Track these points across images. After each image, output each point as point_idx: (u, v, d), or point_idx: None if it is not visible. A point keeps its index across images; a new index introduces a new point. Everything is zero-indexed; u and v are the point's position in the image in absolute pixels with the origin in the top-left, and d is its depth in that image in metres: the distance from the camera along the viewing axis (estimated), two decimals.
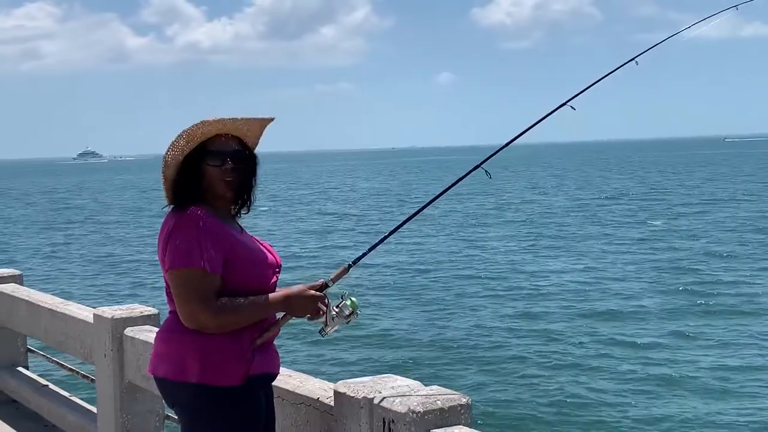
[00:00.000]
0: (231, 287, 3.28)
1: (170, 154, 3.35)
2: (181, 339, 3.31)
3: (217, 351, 3.27)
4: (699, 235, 37.90)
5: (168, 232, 3.28)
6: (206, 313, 3.20)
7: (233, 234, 3.37)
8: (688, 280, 26.29)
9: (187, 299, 3.21)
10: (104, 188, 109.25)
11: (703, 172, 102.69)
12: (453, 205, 56.87)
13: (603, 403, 14.65)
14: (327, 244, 39.13)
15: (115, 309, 5.63)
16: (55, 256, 37.97)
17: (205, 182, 3.36)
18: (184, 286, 3.22)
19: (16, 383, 7.47)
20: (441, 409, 3.21)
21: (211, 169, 3.35)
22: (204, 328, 3.24)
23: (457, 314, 22.23)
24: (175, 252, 3.22)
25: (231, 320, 3.25)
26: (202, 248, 3.20)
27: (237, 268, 3.30)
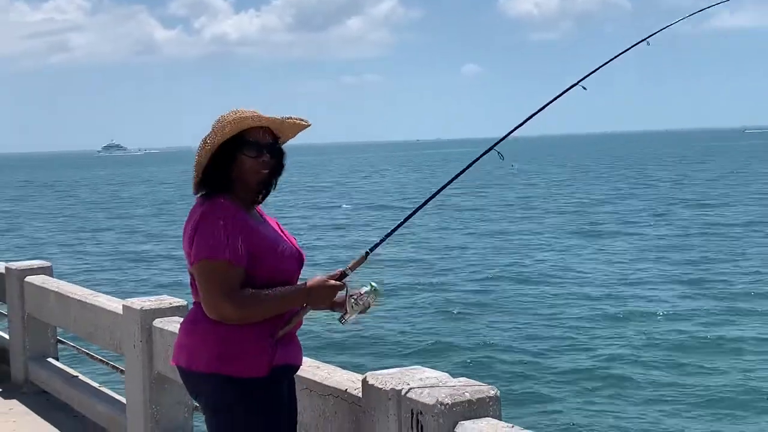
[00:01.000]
0: (255, 279, 3.30)
1: (211, 138, 3.36)
2: (205, 330, 3.33)
3: (241, 342, 3.29)
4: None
5: (195, 223, 3.30)
6: (230, 305, 3.21)
7: (257, 226, 3.39)
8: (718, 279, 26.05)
9: (212, 291, 3.23)
10: (130, 181, 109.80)
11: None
12: (477, 197, 56.79)
13: (633, 398, 14.54)
14: (349, 237, 39.15)
15: (144, 300, 5.67)
16: (83, 248, 38.24)
17: (237, 172, 3.37)
18: (210, 277, 3.23)
19: (47, 374, 7.53)
20: (469, 401, 3.20)
21: (246, 159, 3.37)
22: (227, 319, 3.25)
23: (484, 306, 22.17)
24: (202, 244, 3.24)
25: (253, 312, 3.26)
26: (229, 240, 3.22)
27: (261, 261, 3.32)
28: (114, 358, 6.96)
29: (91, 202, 70.44)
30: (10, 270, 7.94)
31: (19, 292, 7.77)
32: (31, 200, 74.27)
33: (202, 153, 3.37)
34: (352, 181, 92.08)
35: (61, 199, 75.89)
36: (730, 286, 23.85)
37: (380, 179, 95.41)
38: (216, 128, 3.36)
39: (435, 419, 3.15)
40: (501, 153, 3.65)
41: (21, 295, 7.76)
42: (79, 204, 67.94)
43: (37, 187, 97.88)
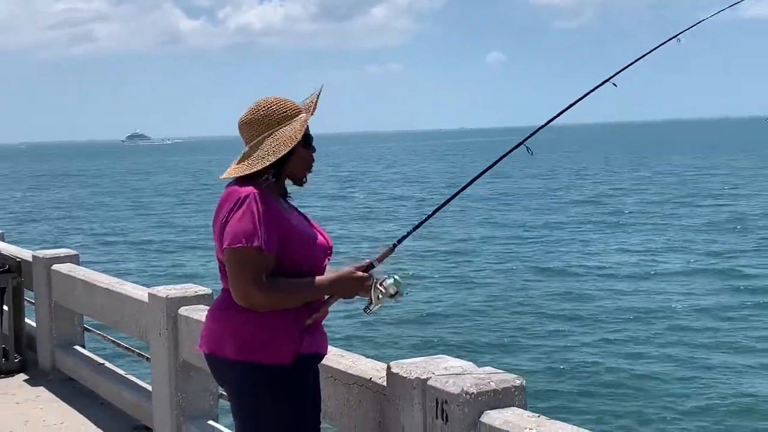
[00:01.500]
0: (284, 267, 3.32)
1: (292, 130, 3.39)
2: (233, 317, 3.35)
3: (268, 330, 3.31)
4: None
5: (228, 210, 3.31)
6: (258, 292, 3.24)
7: (289, 215, 3.41)
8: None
9: (241, 278, 3.25)
10: (153, 170, 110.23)
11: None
12: (502, 185, 56.61)
13: (658, 391, 14.46)
14: (375, 228, 39.16)
15: (170, 288, 5.69)
16: (109, 237, 38.49)
17: (292, 164, 3.43)
18: (240, 264, 3.25)
19: (73, 361, 7.59)
20: (495, 390, 3.19)
21: (304, 152, 3.45)
22: (255, 306, 3.27)
23: (509, 296, 22.14)
24: (233, 230, 3.26)
25: (281, 300, 3.29)
26: (260, 228, 3.24)
27: (291, 249, 3.34)
28: (140, 345, 7.01)
29: (114, 191, 70.77)
30: (37, 258, 8.00)
31: (46, 280, 7.83)
32: (56, 189, 74.74)
33: (278, 147, 3.38)
34: (373, 171, 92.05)
35: (85, 188, 76.33)
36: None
37: (401, 169, 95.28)
38: (295, 127, 3.40)
39: (460, 408, 3.15)
40: (530, 148, 3.64)
41: (48, 283, 7.82)
42: (104, 193, 68.30)
43: (62, 177, 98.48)
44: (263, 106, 3.45)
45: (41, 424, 6.54)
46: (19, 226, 42.54)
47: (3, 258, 8.33)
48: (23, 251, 8.95)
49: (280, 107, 3.43)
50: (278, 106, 3.44)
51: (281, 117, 3.42)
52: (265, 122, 3.42)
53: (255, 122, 3.44)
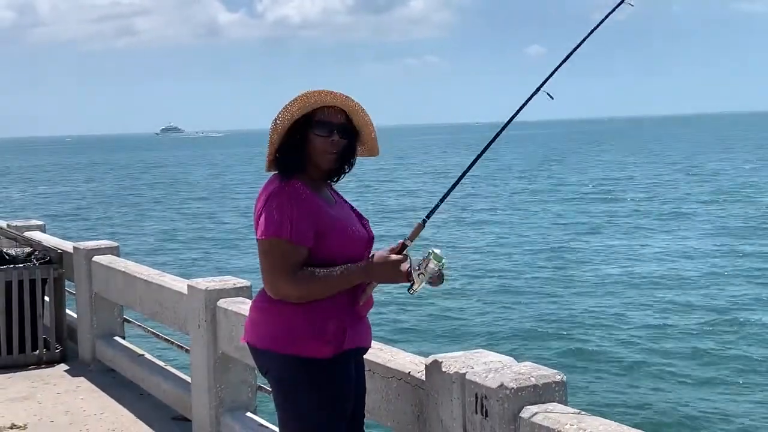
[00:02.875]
0: (321, 260, 3.29)
1: (281, 117, 3.37)
2: (277, 309, 3.34)
3: (312, 323, 3.29)
4: None
5: (264, 200, 3.31)
6: (288, 283, 3.22)
7: (326, 207, 3.37)
8: None
9: (271, 269, 3.24)
10: (192, 163, 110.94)
11: None
12: (543, 181, 56.38)
13: (701, 389, 14.31)
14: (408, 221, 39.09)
15: (209, 281, 5.71)
16: (149, 229, 38.83)
17: (308, 151, 3.38)
18: (269, 255, 3.24)
19: (113, 352, 7.65)
20: (535, 386, 3.16)
21: (316, 138, 3.36)
22: (285, 297, 3.27)
23: (549, 291, 22.02)
24: (265, 222, 3.25)
25: (312, 290, 3.25)
26: (292, 220, 3.22)
27: (328, 242, 3.31)
28: (179, 337, 7.05)
29: (153, 183, 71.31)
30: (78, 250, 8.07)
31: (87, 271, 7.89)
32: (96, 182, 75.50)
33: (273, 132, 3.39)
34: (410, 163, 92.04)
35: (124, 180, 76.95)
36: None
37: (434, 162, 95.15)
38: (285, 107, 3.36)
39: (500, 403, 3.12)
40: (550, 94, 3.54)
41: (88, 274, 7.88)
42: (143, 186, 68.88)
43: (100, 169, 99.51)
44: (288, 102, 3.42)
45: (81, 414, 6.59)
46: (61, 218, 43.05)
47: (44, 249, 8.42)
48: (64, 243, 9.04)
49: (295, 100, 3.37)
50: (294, 100, 3.37)
51: (289, 106, 3.37)
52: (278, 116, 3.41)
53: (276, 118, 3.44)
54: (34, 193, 63.30)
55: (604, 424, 2.90)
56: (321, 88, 3.40)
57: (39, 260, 8.21)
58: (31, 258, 8.25)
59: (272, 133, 3.39)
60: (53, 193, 62.86)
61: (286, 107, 3.36)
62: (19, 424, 6.32)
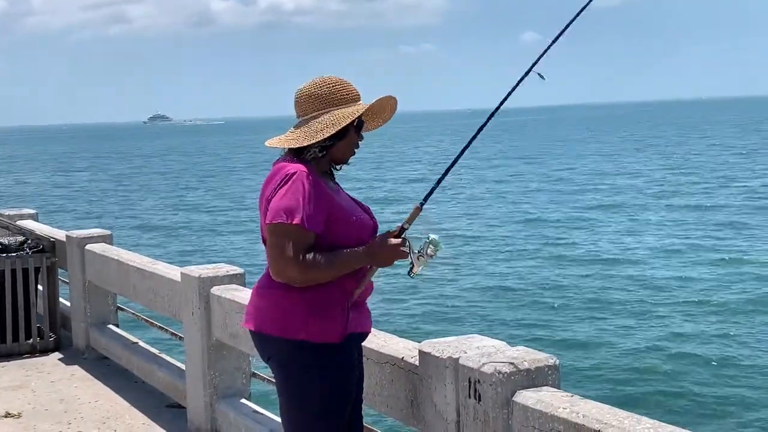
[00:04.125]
0: (331, 246, 3.32)
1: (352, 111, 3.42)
2: (280, 295, 3.36)
3: (316, 308, 3.32)
4: None
5: (275, 186, 3.32)
6: (295, 267, 3.23)
7: (335, 195, 3.42)
8: None
9: (279, 252, 3.25)
10: (182, 151, 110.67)
11: None
12: (542, 167, 56.44)
13: (692, 373, 14.37)
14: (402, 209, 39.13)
15: (202, 268, 5.72)
16: (141, 217, 38.78)
17: (341, 145, 3.45)
18: (280, 239, 3.25)
19: (107, 340, 7.66)
20: (528, 370, 3.18)
21: (354, 137, 3.48)
22: (291, 281, 3.28)
23: (542, 275, 22.08)
24: (278, 206, 3.27)
25: (316, 274, 3.28)
26: (305, 206, 3.25)
27: (337, 229, 3.35)
28: (173, 324, 7.05)
29: (143, 172, 71.08)
30: (71, 238, 8.06)
31: (80, 259, 7.89)
32: (87, 171, 75.27)
33: (327, 122, 3.40)
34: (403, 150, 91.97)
35: (112, 169, 76.61)
36: None
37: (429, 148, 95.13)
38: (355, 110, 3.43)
39: (493, 388, 3.14)
40: (541, 74, 3.56)
41: (82, 262, 7.88)
42: (133, 174, 68.66)
43: (93, 158, 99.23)
44: (328, 83, 3.46)
45: (76, 402, 6.60)
46: (53, 206, 42.96)
47: (37, 238, 8.41)
48: (57, 231, 9.04)
49: (344, 88, 3.46)
50: (342, 87, 3.46)
51: (342, 98, 3.44)
52: (326, 99, 3.44)
53: (316, 97, 3.45)
54: (25, 181, 63.15)
55: (597, 407, 2.92)
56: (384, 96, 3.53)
57: (32, 249, 8.20)
58: (24, 247, 8.23)
59: (339, 120, 3.40)
60: (46, 182, 62.71)
61: (354, 109, 3.43)
62: (13, 413, 6.32)
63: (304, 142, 3.39)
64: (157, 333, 7.72)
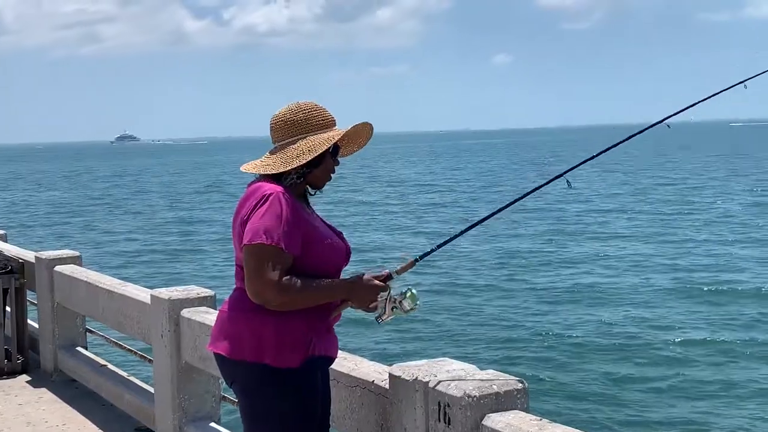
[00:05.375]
0: (304, 269, 3.33)
1: (318, 139, 3.44)
2: (245, 318, 3.37)
3: (279, 333, 3.32)
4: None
5: (251, 206, 3.33)
6: (273, 290, 3.23)
7: (311, 218, 3.45)
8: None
9: (258, 274, 3.25)
10: (151, 172, 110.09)
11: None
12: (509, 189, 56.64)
13: (664, 394, 14.46)
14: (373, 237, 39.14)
15: (172, 290, 5.70)
16: (111, 238, 38.46)
17: (319, 169, 3.48)
18: (258, 261, 3.25)
19: (76, 363, 7.59)
20: (497, 393, 3.20)
21: (330, 163, 3.52)
22: (267, 303, 3.28)
23: (512, 299, 22.11)
24: (256, 227, 3.27)
25: (294, 300, 3.29)
26: (283, 227, 3.26)
27: (313, 252, 3.36)
28: (142, 347, 7.01)
29: (113, 193, 70.57)
30: (40, 259, 8.01)
31: (49, 281, 7.83)
32: (57, 190, 74.63)
33: (304, 148, 3.42)
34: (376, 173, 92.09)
35: (82, 189, 75.97)
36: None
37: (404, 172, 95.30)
38: (331, 135, 3.46)
39: (462, 411, 3.15)
40: (570, 181, 3.65)
41: (50, 284, 7.82)
42: (103, 195, 68.15)
43: (62, 178, 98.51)
44: (304, 109, 3.50)
45: (43, 426, 6.54)
46: (22, 227, 42.54)
47: (6, 259, 8.34)
48: (26, 252, 8.96)
49: (319, 114, 3.50)
50: (317, 113, 3.50)
51: (318, 124, 3.49)
52: (302, 125, 3.47)
53: (292, 123, 3.48)
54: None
55: (565, 431, 2.94)
56: (359, 123, 3.58)
57: (0, 270, 8.13)
58: None
59: (316, 146, 3.43)
60: (15, 201, 62.14)
61: (331, 135, 3.47)
62: None
63: (281, 168, 3.41)
64: (127, 355, 7.67)
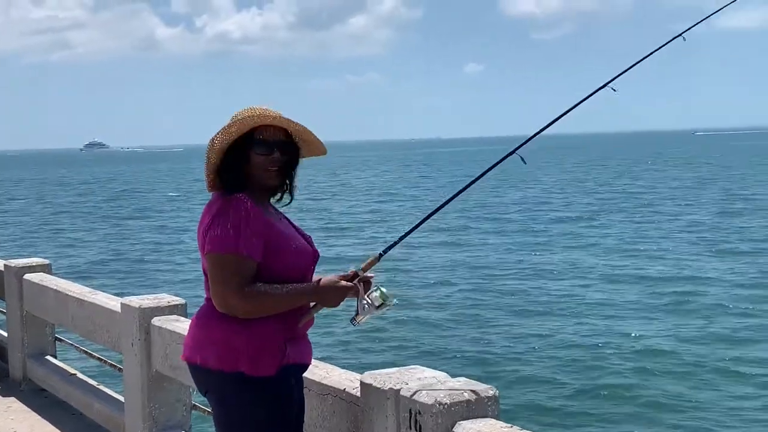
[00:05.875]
0: (270, 275, 3.31)
1: (219, 138, 3.38)
2: (217, 326, 3.34)
3: (253, 340, 3.30)
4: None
5: (211, 216, 3.31)
6: (239, 298, 3.22)
7: (273, 222, 3.40)
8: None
9: (223, 283, 3.23)
10: (121, 179, 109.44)
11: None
12: (488, 197, 56.77)
13: (629, 397, 14.58)
14: (345, 242, 39.15)
15: (143, 299, 5.67)
16: (81, 246, 38.19)
17: (251, 170, 3.39)
18: (221, 269, 3.24)
19: (45, 372, 7.53)
20: (468, 401, 3.21)
21: (257, 157, 3.39)
22: (235, 312, 3.26)
23: (483, 306, 22.17)
24: (216, 236, 3.26)
25: (261, 306, 3.27)
26: (243, 234, 3.24)
27: (276, 256, 3.33)
28: (112, 356, 6.96)
29: (83, 201, 70.05)
30: (9, 267, 7.94)
31: (18, 289, 7.77)
32: (26, 199, 73.97)
33: (211, 153, 3.40)
34: (349, 181, 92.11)
35: (51, 197, 75.35)
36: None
37: (376, 179, 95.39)
38: (224, 128, 3.39)
39: (433, 419, 3.16)
40: (523, 157, 3.63)
41: (20, 292, 7.76)
42: (73, 203, 67.62)
43: (33, 185, 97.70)
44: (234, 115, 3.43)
45: None
46: None
47: None
48: None
49: (234, 119, 3.39)
50: (234, 118, 3.39)
51: (223, 127, 3.40)
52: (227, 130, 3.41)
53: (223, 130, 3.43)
54: None
55: None
56: (260, 106, 3.42)
57: None
58: None
59: (210, 154, 3.40)
60: None
61: (224, 129, 3.38)
62: None
63: (207, 179, 3.42)
64: (97, 364, 7.62)
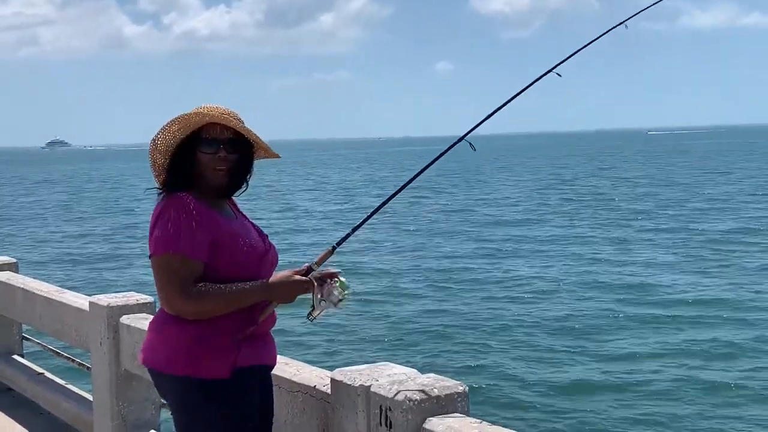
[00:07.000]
0: (218, 274, 3.26)
1: (161, 138, 3.34)
2: (171, 330, 3.29)
3: (204, 343, 3.24)
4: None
5: (154, 218, 3.28)
6: (184, 299, 3.18)
7: (222, 221, 3.34)
8: None
9: (166, 285, 3.20)
10: (87, 177, 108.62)
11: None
12: (449, 193, 56.97)
13: (600, 391, 14.68)
14: (313, 237, 39.09)
15: (111, 297, 5.63)
16: (48, 245, 37.87)
17: (198, 169, 3.33)
18: (164, 271, 3.20)
19: (12, 371, 7.47)
20: (438, 397, 3.23)
21: (204, 156, 3.32)
22: (182, 313, 3.22)
23: (453, 302, 22.25)
24: (158, 237, 3.23)
25: (209, 307, 3.21)
26: (184, 234, 3.19)
27: (223, 255, 3.27)
28: (80, 355, 6.91)
29: (50, 198, 69.48)
30: None
31: None
32: None
33: (155, 153, 3.37)
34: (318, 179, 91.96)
35: (17, 195, 74.64)
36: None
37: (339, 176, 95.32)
38: (164, 127, 3.35)
39: (403, 415, 3.17)
40: (472, 144, 3.61)
41: None
42: (39, 201, 67.03)
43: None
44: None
45: None
46: None
47: None
48: None
49: (175, 118, 3.35)
50: (176, 117, 3.35)
51: (164, 126, 3.37)
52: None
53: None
54: None
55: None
56: (211, 105, 3.36)
57: None
58: None
59: (153, 154, 3.37)
60: None
61: (165, 128, 3.34)
62: None
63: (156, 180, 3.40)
64: (65, 363, 7.56)
